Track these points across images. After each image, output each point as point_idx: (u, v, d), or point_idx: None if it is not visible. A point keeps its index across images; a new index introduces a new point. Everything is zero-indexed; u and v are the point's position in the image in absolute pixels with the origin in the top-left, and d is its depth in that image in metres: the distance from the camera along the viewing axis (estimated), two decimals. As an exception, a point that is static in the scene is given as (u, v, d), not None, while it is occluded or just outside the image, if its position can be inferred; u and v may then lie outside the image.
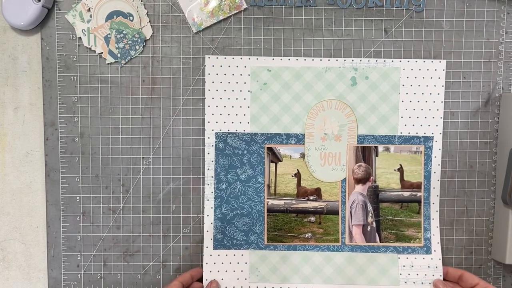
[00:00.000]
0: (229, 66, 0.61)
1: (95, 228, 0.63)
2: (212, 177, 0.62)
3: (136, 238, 0.63)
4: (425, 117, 0.62)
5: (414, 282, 0.62)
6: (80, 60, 0.61)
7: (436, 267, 0.62)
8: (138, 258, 0.63)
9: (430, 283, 0.62)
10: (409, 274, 0.62)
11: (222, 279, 0.62)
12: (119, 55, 0.61)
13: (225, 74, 0.61)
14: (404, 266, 0.62)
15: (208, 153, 0.62)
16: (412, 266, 0.62)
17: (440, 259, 0.62)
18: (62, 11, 0.61)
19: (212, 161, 0.62)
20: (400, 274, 0.62)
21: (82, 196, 0.62)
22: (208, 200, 0.62)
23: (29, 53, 0.62)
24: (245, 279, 0.62)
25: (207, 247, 0.62)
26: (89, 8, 0.60)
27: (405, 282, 0.62)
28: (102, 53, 0.61)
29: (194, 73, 0.62)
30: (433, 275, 0.62)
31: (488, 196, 0.63)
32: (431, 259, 0.62)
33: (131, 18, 0.60)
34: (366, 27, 0.61)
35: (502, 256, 0.61)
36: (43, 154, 0.62)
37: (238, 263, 0.62)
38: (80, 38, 0.61)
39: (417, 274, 0.62)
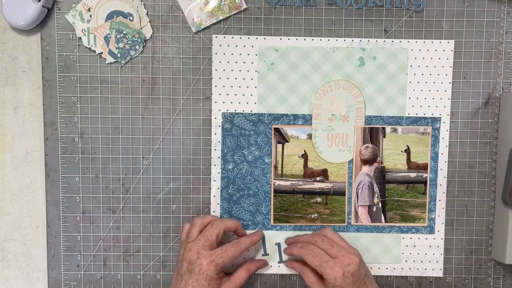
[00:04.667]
0: (236, 46, 0.61)
1: (95, 228, 0.63)
2: (218, 157, 0.62)
3: (136, 238, 0.63)
4: (433, 98, 0.62)
5: (414, 261, 0.63)
6: (80, 60, 0.61)
7: (438, 246, 0.63)
8: (138, 258, 0.63)
9: (429, 261, 0.63)
10: (410, 253, 0.63)
11: None
12: (119, 55, 0.61)
13: (232, 54, 0.61)
14: (407, 246, 0.63)
15: (215, 134, 0.62)
16: (415, 246, 0.63)
17: (442, 238, 0.63)
18: (62, 11, 0.60)
19: (219, 142, 0.62)
20: (402, 253, 0.63)
21: (82, 196, 0.62)
22: (214, 180, 0.63)
23: (29, 53, 0.62)
24: (252, 258, 0.63)
25: None
26: (89, 8, 0.60)
27: (406, 261, 0.64)
28: (102, 53, 0.61)
29: (194, 73, 0.62)
30: (433, 254, 0.63)
31: (488, 196, 0.63)
32: (434, 239, 0.63)
33: (131, 18, 0.60)
34: (366, 27, 0.61)
35: (502, 256, 0.61)
36: (43, 154, 0.62)
37: None
38: (80, 38, 0.61)
39: (418, 253, 0.63)
